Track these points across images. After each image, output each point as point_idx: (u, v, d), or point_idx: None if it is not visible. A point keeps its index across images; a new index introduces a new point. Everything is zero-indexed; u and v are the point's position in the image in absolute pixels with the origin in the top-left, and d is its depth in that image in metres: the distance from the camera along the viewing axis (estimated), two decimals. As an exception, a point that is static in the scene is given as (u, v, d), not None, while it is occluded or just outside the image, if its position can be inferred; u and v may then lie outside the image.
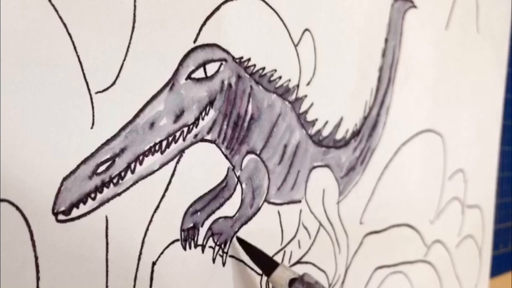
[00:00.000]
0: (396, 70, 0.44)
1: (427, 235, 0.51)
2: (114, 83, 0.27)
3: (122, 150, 0.27)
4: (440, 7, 0.48)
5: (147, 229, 0.29)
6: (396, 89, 0.44)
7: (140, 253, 0.29)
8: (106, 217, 0.27)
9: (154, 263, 0.29)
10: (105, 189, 0.27)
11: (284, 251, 0.37)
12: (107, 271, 0.27)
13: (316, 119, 0.38)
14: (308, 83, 0.37)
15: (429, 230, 0.51)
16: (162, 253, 0.30)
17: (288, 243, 0.37)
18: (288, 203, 0.37)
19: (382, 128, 0.44)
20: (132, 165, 0.28)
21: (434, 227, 0.52)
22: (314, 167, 0.38)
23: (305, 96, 0.36)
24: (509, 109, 0.61)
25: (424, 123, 0.48)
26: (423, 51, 0.47)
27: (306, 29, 0.36)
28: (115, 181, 0.27)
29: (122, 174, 0.27)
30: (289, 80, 0.35)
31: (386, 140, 0.44)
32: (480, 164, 0.58)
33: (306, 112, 0.37)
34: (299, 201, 0.37)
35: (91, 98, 0.26)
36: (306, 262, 0.39)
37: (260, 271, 0.35)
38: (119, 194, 0.27)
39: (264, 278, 0.35)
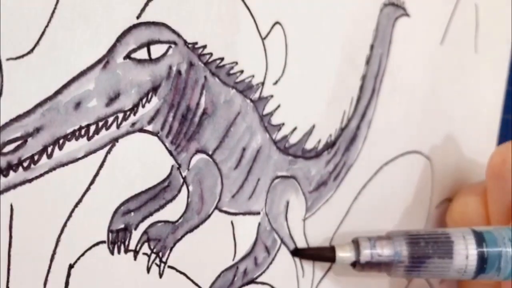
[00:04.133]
0: (382, 81, 0.40)
1: (408, 267, 0.47)
2: (31, 51, 0.23)
3: (37, 130, 0.23)
4: (436, 20, 0.45)
5: (64, 225, 0.25)
6: (381, 102, 0.41)
7: (54, 253, 0.25)
8: (11, 205, 0.23)
9: (71, 266, 0.26)
10: (11, 173, 0.23)
11: (237, 267, 0.33)
12: (8, 269, 0.23)
13: (283, 124, 0.34)
14: (276, 82, 0.33)
15: (410, 261, 0.47)
16: (82, 255, 0.26)
17: (242, 259, 0.33)
18: (244, 213, 0.33)
19: (362, 143, 0.40)
20: (49, 149, 0.24)
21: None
22: (278, 177, 0.34)
23: (271, 96, 0.33)
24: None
25: (411, 143, 0.44)
26: (414, 64, 0.43)
27: (277, 22, 0.32)
28: (25, 164, 0.23)
29: (36, 157, 0.24)
30: (253, 76, 0.32)
31: (365, 157, 0.40)
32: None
33: (271, 114, 0.33)
34: (258, 213, 0.34)
35: (0, 65, 0.22)
36: (263, 283, 0.35)
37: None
38: (29, 181, 0.24)
39: None
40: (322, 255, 0.36)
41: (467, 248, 0.35)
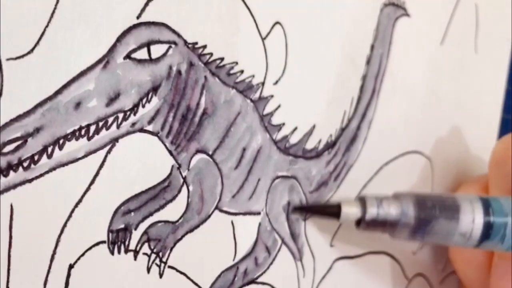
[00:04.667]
0: (382, 82, 0.40)
1: (409, 267, 0.47)
2: (31, 51, 0.23)
3: (37, 130, 0.23)
4: (437, 20, 0.45)
5: (64, 225, 0.25)
6: (381, 102, 0.41)
7: (54, 253, 0.25)
8: (11, 205, 0.23)
9: (71, 266, 0.26)
10: (11, 173, 0.23)
11: (237, 268, 0.33)
12: (8, 269, 0.23)
13: (283, 124, 0.34)
14: (276, 82, 0.33)
15: (411, 262, 0.47)
16: (82, 255, 0.26)
17: (243, 259, 0.33)
18: (244, 213, 0.33)
19: (362, 143, 0.40)
20: (49, 149, 0.24)
21: (417, 258, 0.48)
22: (278, 177, 0.34)
23: (271, 96, 0.33)
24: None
25: (411, 143, 0.44)
26: (414, 65, 0.43)
27: (277, 22, 0.32)
28: (25, 164, 0.23)
29: (36, 157, 0.24)
30: (253, 76, 0.32)
31: (366, 157, 0.40)
32: (472, 195, 0.53)
33: (271, 114, 0.33)
34: (258, 213, 0.34)
35: (0, 65, 0.22)
36: (263, 283, 0.35)
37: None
38: (29, 181, 0.24)
39: None
40: (328, 211, 0.35)
41: (473, 212, 0.35)
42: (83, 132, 0.25)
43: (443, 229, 0.35)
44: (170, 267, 0.30)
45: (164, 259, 0.29)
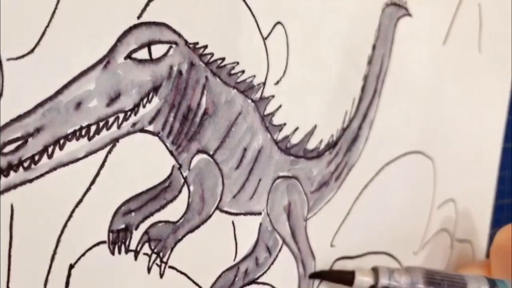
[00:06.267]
0: (384, 82, 0.40)
1: (410, 267, 0.47)
2: (32, 51, 0.23)
3: (38, 130, 0.23)
4: (439, 20, 0.45)
5: (65, 226, 0.25)
6: (383, 103, 0.41)
7: (54, 253, 0.25)
8: (12, 206, 0.23)
9: (71, 266, 0.26)
10: (12, 173, 0.23)
11: (238, 268, 0.33)
12: (9, 269, 0.23)
13: (284, 124, 0.34)
14: (277, 83, 0.33)
15: (412, 262, 0.47)
16: (83, 255, 0.26)
17: (243, 259, 0.33)
18: (245, 213, 0.33)
19: (363, 143, 0.40)
20: (50, 149, 0.24)
21: (418, 259, 0.48)
22: (279, 177, 0.34)
23: (272, 96, 0.33)
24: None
25: (413, 143, 0.44)
26: (416, 65, 0.43)
27: (279, 22, 0.32)
28: (25, 164, 0.23)
29: (36, 157, 0.24)
30: (254, 76, 0.31)
31: (367, 157, 0.40)
32: (474, 195, 0.53)
33: (272, 114, 0.33)
34: (259, 213, 0.33)
35: (1, 65, 0.22)
36: (264, 283, 0.35)
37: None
38: (30, 181, 0.24)
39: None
40: (342, 277, 0.37)
41: None
42: (83, 132, 0.25)
43: None
44: (170, 267, 0.30)
45: (164, 259, 0.29)
